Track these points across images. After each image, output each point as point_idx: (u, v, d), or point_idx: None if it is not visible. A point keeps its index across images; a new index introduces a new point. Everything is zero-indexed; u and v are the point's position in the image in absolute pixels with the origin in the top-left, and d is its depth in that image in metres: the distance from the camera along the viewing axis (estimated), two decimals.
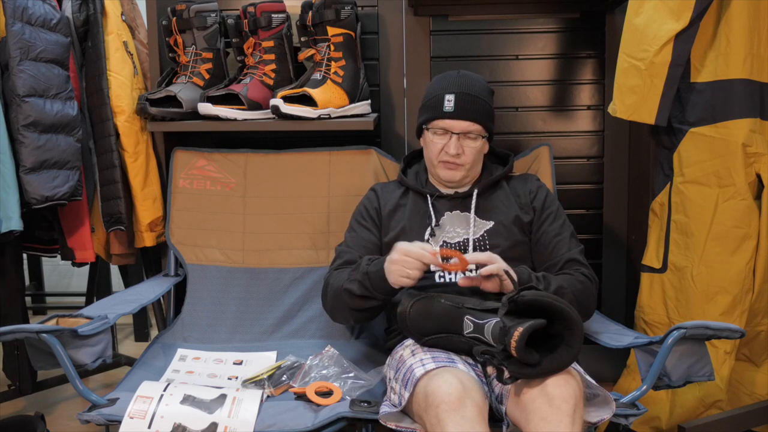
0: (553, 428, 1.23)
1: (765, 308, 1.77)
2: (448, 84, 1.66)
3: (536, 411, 1.25)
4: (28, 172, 1.82)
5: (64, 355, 1.42)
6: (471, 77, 1.69)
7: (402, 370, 1.42)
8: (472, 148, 1.64)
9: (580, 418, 1.26)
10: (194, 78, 1.99)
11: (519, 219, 1.66)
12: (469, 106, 1.63)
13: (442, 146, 1.65)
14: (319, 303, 1.92)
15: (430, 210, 1.68)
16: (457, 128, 1.63)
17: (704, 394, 1.78)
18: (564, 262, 1.60)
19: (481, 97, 1.65)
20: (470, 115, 1.63)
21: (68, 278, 3.49)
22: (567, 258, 1.61)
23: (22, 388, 2.21)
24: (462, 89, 1.64)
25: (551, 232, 1.65)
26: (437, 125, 1.65)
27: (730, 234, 1.71)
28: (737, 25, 1.65)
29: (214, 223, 2.00)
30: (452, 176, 1.67)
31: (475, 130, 1.64)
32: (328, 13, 1.91)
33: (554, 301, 1.25)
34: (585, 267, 1.61)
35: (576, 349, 1.26)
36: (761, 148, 1.69)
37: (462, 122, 1.63)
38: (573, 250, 1.62)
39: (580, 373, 1.33)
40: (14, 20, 1.77)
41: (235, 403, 1.45)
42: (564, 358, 1.26)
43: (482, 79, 1.72)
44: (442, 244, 1.63)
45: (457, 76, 1.68)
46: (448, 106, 1.63)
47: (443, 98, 1.63)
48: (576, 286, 1.54)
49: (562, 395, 1.25)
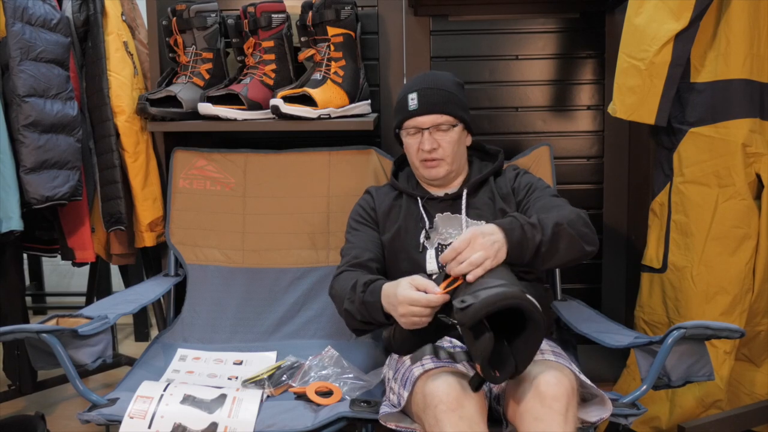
0: (545, 427, 1.23)
1: (765, 308, 1.77)
2: (411, 84, 1.68)
3: (529, 411, 1.25)
4: (29, 172, 1.82)
5: (64, 355, 1.42)
6: (435, 74, 1.71)
7: (401, 370, 1.43)
8: (447, 140, 1.64)
9: (573, 416, 1.27)
10: (194, 78, 1.99)
11: (504, 212, 1.63)
12: (432, 99, 1.63)
13: (417, 145, 1.65)
14: (319, 303, 1.93)
15: (422, 213, 1.68)
16: (426, 123, 1.63)
17: (704, 394, 1.78)
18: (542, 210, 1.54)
19: (444, 88, 1.65)
20: (435, 107, 1.63)
21: (68, 278, 3.49)
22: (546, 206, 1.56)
23: (22, 388, 2.21)
24: (424, 85, 1.65)
25: (533, 198, 1.63)
26: (407, 126, 1.66)
27: (730, 234, 1.71)
28: (737, 25, 1.65)
29: (214, 223, 2.00)
30: (436, 174, 1.66)
31: (444, 122, 1.63)
32: (328, 13, 1.91)
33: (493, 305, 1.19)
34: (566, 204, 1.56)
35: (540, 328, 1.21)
36: (761, 148, 1.69)
37: (428, 116, 1.63)
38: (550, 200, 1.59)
39: (574, 372, 1.33)
40: (14, 20, 1.77)
41: (235, 403, 1.45)
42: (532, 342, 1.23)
43: (449, 74, 1.72)
44: (437, 246, 1.63)
45: (422, 75, 1.71)
46: (412, 105, 1.64)
47: (407, 99, 1.65)
48: (567, 217, 1.46)
49: (554, 394, 1.25)
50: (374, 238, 1.69)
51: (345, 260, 1.64)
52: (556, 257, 1.44)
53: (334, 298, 1.60)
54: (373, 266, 1.62)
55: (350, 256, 1.63)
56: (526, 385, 1.28)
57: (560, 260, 1.46)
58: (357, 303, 1.46)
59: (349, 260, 1.63)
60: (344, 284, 1.54)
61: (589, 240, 1.47)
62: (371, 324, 1.49)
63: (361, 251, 1.64)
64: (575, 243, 1.44)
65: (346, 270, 1.60)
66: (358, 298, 1.46)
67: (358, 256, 1.63)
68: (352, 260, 1.62)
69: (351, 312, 1.49)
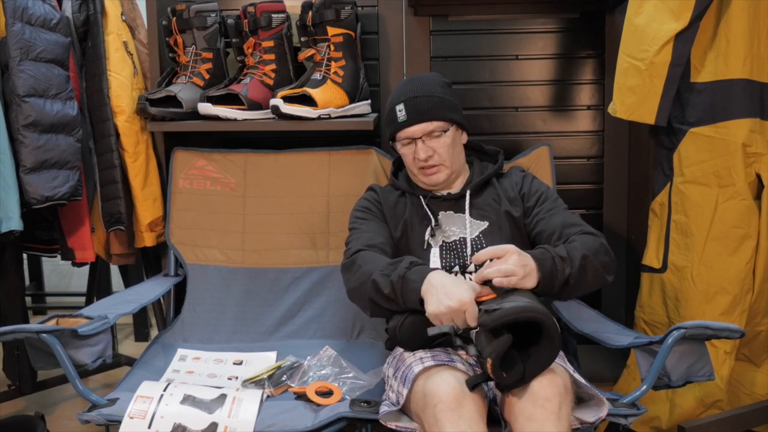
0: (538, 427, 1.23)
1: (765, 308, 1.77)
2: (397, 95, 1.67)
3: (522, 411, 1.26)
4: (28, 172, 1.82)
5: (64, 355, 1.42)
6: (420, 79, 1.68)
7: (401, 368, 1.43)
8: (442, 145, 1.63)
9: (567, 416, 1.27)
10: (194, 78, 1.99)
11: (510, 215, 1.64)
12: (420, 108, 1.62)
13: (413, 155, 1.65)
14: (319, 303, 1.93)
15: (426, 210, 1.67)
16: (417, 132, 1.63)
17: (704, 394, 1.78)
18: (562, 228, 1.56)
19: (430, 94, 1.64)
20: (423, 116, 1.62)
21: (68, 278, 3.48)
22: (565, 223, 1.57)
23: (22, 388, 2.21)
24: (409, 94, 1.64)
25: (545, 208, 1.64)
26: (400, 137, 1.66)
27: (730, 234, 1.71)
28: (737, 25, 1.65)
29: (214, 223, 2.00)
30: (436, 179, 1.66)
31: (435, 128, 1.63)
32: (328, 13, 1.91)
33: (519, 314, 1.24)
34: (584, 225, 1.57)
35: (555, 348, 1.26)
36: (761, 148, 1.69)
37: (418, 126, 1.62)
38: (569, 217, 1.60)
39: (568, 372, 1.33)
40: (14, 20, 1.77)
41: (235, 403, 1.45)
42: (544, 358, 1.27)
43: (434, 75, 1.72)
44: (441, 244, 1.63)
45: (406, 83, 1.70)
46: (400, 116, 1.63)
47: (395, 110, 1.64)
48: (592, 247, 1.47)
49: (547, 394, 1.25)
50: (383, 228, 1.66)
51: (356, 244, 1.56)
52: (580, 289, 1.47)
53: (351, 272, 1.50)
54: (388, 250, 1.57)
55: (361, 240, 1.56)
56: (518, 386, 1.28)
57: (583, 291, 1.49)
58: (395, 277, 1.38)
59: (364, 242, 1.55)
60: (376, 259, 1.48)
61: (610, 269, 1.50)
62: (394, 302, 1.40)
63: (373, 235, 1.60)
64: (599, 275, 1.47)
65: (365, 250, 1.53)
66: (399, 273, 1.38)
67: (371, 239, 1.57)
68: (368, 241, 1.56)
69: (380, 285, 1.40)
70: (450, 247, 1.62)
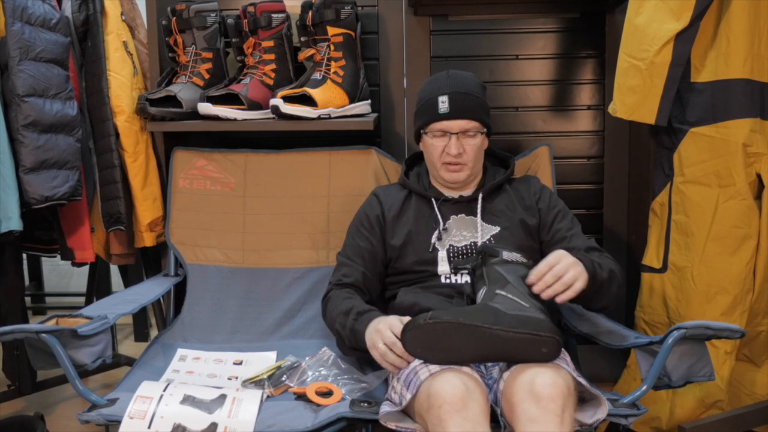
0: (541, 428, 1.23)
1: (765, 308, 1.77)
2: (439, 85, 1.66)
3: (525, 412, 1.25)
4: (28, 172, 1.81)
5: (63, 355, 1.42)
6: (461, 75, 1.69)
7: (405, 371, 1.42)
8: (472, 145, 1.65)
9: (570, 417, 1.27)
10: (194, 78, 1.99)
11: (524, 222, 1.66)
12: (464, 104, 1.63)
13: (442, 148, 1.65)
14: (319, 303, 1.92)
15: (436, 214, 1.68)
16: (455, 128, 1.63)
17: (704, 395, 1.78)
18: (584, 251, 1.59)
19: (473, 93, 1.66)
20: (466, 113, 1.63)
21: (68, 278, 3.48)
22: (586, 247, 1.62)
23: (22, 388, 2.21)
24: (454, 88, 1.64)
25: (563, 228, 1.67)
26: (435, 128, 1.65)
27: (731, 234, 1.71)
28: (737, 25, 1.65)
29: (214, 223, 2.00)
30: (456, 177, 1.67)
31: (473, 128, 1.64)
32: (328, 13, 1.91)
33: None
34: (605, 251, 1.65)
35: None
36: (761, 148, 1.69)
37: (459, 121, 1.63)
38: (589, 241, 1.67)
39: (570, 373, 1.33)
40: (14, 20, 1.77)
41: (235, 403, 1.45)
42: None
43: (472, 75, 1.72)
44: (449, 248, 1.63)
45: (447, 76, 1.69)
46: (443, 108, 1.63)
47: (437, 100, 1.64)
48: (617, 267, 1.57)
49: (550, 395, 1.25)
50: (367, 252, 1.70)
51: (335, 276, 1.71)
52: (603, 301, 1.53)
53: (324, 317, 1.68)
54: (361, 286, 1.68)
55: (340, 274, 1.70)
56: (521, 386, 1.28)
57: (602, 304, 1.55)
58: (347, 330, 1.54)
59: (338, 278, 1.69)
60: (335, 307, 1.62)
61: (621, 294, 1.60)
62: (360, 351, 1.53)
63: (351, 270, 1.68)
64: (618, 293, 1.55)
65: (334, 289, 1.67)
66: (348, 326, 1.54)
67: (347, 275, 1.68)
68: (342, 278, 1.68)
69: (341, 336, 1.58)
70: (459, 252, 1.63)
